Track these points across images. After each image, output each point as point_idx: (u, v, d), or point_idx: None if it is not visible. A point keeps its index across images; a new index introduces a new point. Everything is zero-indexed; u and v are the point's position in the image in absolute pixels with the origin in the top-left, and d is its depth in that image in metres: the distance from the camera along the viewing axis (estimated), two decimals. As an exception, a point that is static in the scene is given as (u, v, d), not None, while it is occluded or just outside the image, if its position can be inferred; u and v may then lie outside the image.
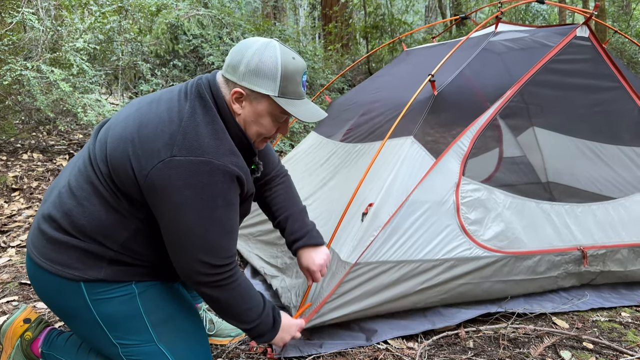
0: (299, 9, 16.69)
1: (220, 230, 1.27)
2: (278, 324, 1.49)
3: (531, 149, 2.64)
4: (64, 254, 1.29)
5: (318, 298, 1.89)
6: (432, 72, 2.20)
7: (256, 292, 1.42)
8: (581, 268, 2.32)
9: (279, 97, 1.29)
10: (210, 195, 1.22)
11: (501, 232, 2.19)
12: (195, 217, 1.22)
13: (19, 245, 2.96)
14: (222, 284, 1.30)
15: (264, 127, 1.35)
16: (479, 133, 2.20)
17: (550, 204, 2.30)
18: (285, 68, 1.28)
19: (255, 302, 1.40)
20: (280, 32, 8.30)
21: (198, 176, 1.20)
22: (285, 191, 1.70)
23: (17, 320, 1.56)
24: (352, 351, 1.89)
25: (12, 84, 4.23)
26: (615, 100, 2.51)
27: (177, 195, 1.20)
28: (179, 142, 1.20)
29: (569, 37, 2.40)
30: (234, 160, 1.26)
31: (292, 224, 1.65)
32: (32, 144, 4.98)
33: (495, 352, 1.93)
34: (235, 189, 1.29)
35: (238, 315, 1.37)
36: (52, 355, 1.51)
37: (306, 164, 2.82)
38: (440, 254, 2.06)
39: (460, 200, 2.13)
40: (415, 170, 2.09)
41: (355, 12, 11.23)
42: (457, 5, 10.77)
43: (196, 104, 1.28)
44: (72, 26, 5.07)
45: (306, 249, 1.63)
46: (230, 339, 1.94)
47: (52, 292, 1.34)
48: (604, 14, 7.52)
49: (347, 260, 1.93)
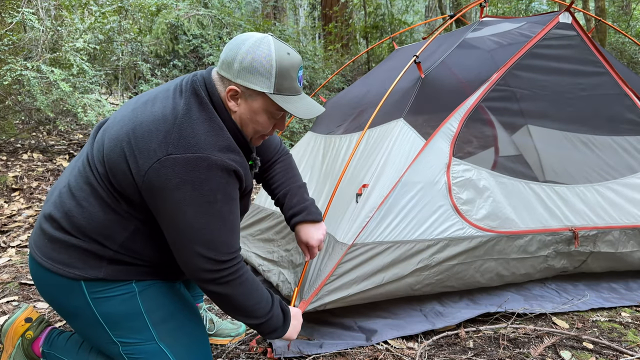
0: (299, 9, 16.69)
1: (221, 225, 1.26)
2: (289, 316, 1.47)
3: (526, 148, 2.65)
4: (65, 253, 1.30)
5: (317, 280, 1.90)
6: (417, 54, 2.27)
7: (263, 287, 1.40)
8: (571, 248, 2.35)
9: (274, 94, 1.27)
10: (208, 190, 1.21)
11: (492, 212, 2.22)
12: (195, 213, 1.21)
13: (19, 245, 2.96)
14: (227, 280, 1.28)
15: (260, 124, 1.34)
16: (468, 114, 2.24)
17: (540, 185, 2.33)
18: (280, 64, 1.26)
19: (263, 297, 1.38)
20: (280, 32, 8.31)
21: (195, 172, 1.19)
22: (284, 168, 1.69)
23: (18, 320, 1.56)
24: (352, 351, 1.89)
25: (12, 84, 4.24)
26: (600, 85, 2.54)
27: (176, 192, 1.19)
28: (175, 139, 1.20)
29: (552, 23, 2.45)
30: (231, 156, 1.26)
31: (291, 199, 1.63)
32: (32, 144, 4.98)
33: (495, 352, 1.93)
34: (234, 184, 1.28)
35: (247, 312, 1.35)
36: (53, 354, 1.51)
37: (302, 162, 2.84)
38: (434, 234, 2.09)
39: (451, 181, 2.16)
40: (407, 151, 2.12)
41: (355, 12, 11.23)
42: (457, 5, 10.77)
43: (191, 100, 1.28)
44: (72, 26, 5.07)
45: (305, 224, 1.62)
46: (230, 339, 1.94)
47: (53, 291, 1.35)
48: (603, 14, 7.52)
49: (343, 241, 1.95)
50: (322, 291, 1.88)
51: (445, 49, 2.52)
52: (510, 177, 2.29)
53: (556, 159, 2.51)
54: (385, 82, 2.63)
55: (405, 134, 2.15)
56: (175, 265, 1.36)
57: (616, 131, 2.54)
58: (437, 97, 2.28)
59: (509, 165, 2.42)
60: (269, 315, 1.38)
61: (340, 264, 1.91)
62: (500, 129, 2.54)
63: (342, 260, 1.91)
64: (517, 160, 2.53)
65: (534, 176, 2.43)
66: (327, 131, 2.83)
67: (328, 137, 2.76)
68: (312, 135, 3.02)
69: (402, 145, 2.12)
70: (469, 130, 2.32)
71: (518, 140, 2.58)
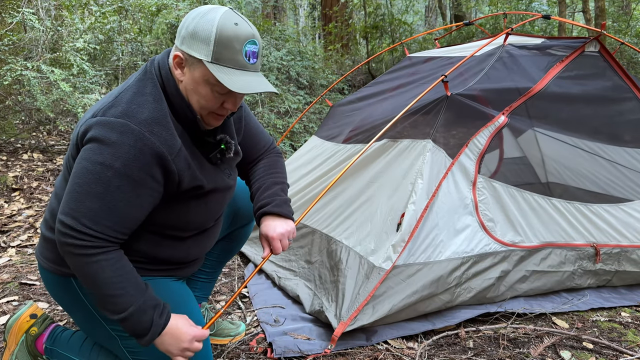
0: (299, 9, 16.69)
1: (99, 193, 1.15)
2: (157, 327, 1.24)
3: (531, 150, 2.66)
4: (53, 251, 1.33)
5: (355, 302, 1.93)
6: (446, 74, 2.25)
7: (136, 284, 1.24)
8: (596, 266, 2.38)
9: (211, 63, 1.19)
10: (110, 154, 1.14)
11: (516, 227, 2.26)
12: (86, 169, 1.15)
13: (19, 245, 2.96)
14: (77, 253, 1.17)
15: (203, 97, 1.24)
16: (496, 132, 2.24)
17: (563, 202, 2.37)
18: (221, 32, 1.18)
19: (125, 292, 1.21)
20: (280, 32, 8.30)
21: (109, 133, 1.15)
22: (267, 165, 1.61)
23: (23, 316, 1.58)
24: (352, 351, 1.89)
25: (12, 84, 4.23)
26: (630, 111, 2.56)
27: (85, 146, 1.18)
28: (110, 106, 1.20)
29: (579, 51, 2.43)
30: (157, 130, 1.19)
31: (262, 192, 1.52)
32: (32, 144, 4.98)
33: (495, 352, 1.93)
34: (144, 164, 1.17)
35: (101, 301, 1.23)
36: (56, 350, 1.52)
37: (306, 165, 2.83)
38: (464, 252, 2.12)
39: (478, 198, 2.20)
40: (435, 172, 2.14)
41: (355, 12, 11.23)
42: (457, 5, 10.77)
43: (140, 77, 1.28)
44: (72, 26, 5.07)
45: (269, 216, 1.48)
46: (230, 339, 1.94)
47: (53, 288, 1.41)
48: (603, 14, 7.52)
49: (381, 266, 1.97)
50: (359, 313, 1.90)
51: (472, 71, 2.48)
52: (533, 193, 2.33)
53: (564, 165, 2.55)
54: (404, 94, 2.63)
55: (433, 156, 2.15)
56: (165, 261, 1.38)
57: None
58: (463, 114, 2.28)
59: (512, 168, 2.43)
60: (124, 314, 1.21)
61: (378, 288, 1.94)
62: (507, 132, 2.54)
63: (379, 285, 1.94)
64: (521, 162, 2.55)
65: (559, 193, 2.48)
66: (334, 137, 2.80)
67: (335, 144, 2.73)
68: (317, 140, 2.99)
69: (432, 167, 2.13)
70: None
71: (523, 143, 2.59)
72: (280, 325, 2.04)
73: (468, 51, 2.78)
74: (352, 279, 2.02)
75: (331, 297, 2.06)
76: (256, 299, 2.30)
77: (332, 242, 2.26)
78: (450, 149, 2.20)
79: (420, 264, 2.03)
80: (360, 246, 2.11)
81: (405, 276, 1.99)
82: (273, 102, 6.53)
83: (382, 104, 2.75)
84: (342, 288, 2.01)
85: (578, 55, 2.43)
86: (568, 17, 9.91)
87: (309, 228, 2.45)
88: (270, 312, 2.17)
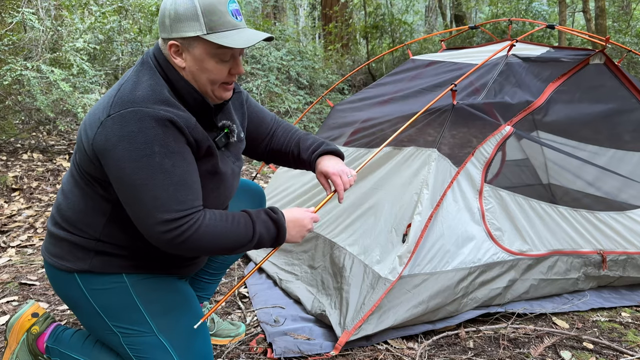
0: (299, 9, 16.69)
1: (164, 178, 1.19)
2: (282, 225, 1.37)
3: (534, 153, 2.66)
4: (58, 246, 1.37)
5: (360, 312, 1.91)
6: (456, 82, 2.21)
7: (234, 215, 1.33)
8: (601, 272, 2.39)
9: (208, 34, 1.24)
10: (143, 142, 1.17)
11: (523, 236, 2.25)
12: (135, 169, 1.18)
13: (19, 245, 2.96)
14: (186, 237, 1.21)
15: (211, 71, 1.29)
16: (502, 141, 2.21)
17: (570, 210, 2.36)
18: (202, 2, 1.23)
19: (240, 224, 1.31)
20: (280, 32, 8.30)
21: (129, 126, 1.18)
22: (284, 129, 1.69)
23: (25, 314, 1.58)
24: (352, 351, 1.89)
25: (12, 84, 4.23)
26: (636, 120, 2.55)
27: (114, 152, 1.18)
28: (115, 102, 1.22)
29: (584, 63, 2.40)
30: (167, 108, 1.22)
31: (304, 142, 1.62)
32: (32, 144, 4.98)
33: (495, 352, 1.93)
34: (175, 135, 1.22)
35: (229, 249, 1.32)
36: (57, 349, 1.52)
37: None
38: (471, 262, 2.10)
39: (484, 207, 2.18)
40: (440, 182, 2.11)
41: (355, 12, 11.23)
42: (458, 5, 10.77)
43: (138, 69, 1.31)
44: (72, 26, 5.07)
45: (324, 157, 1.58)
46: (230, 339, 1.94)
47: (57, 285, 1.43)
48: (603, 14, 7.52)
49: (387, 277, 1.95)
50: (364, 323, 1.89)
51: (480, 81, 2.45)
52: (540, 201, 2.31)
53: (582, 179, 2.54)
54: (407, 99, 2.60)
55: (438, 165, 2.12)
56: (164, 258, 1.39)
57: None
58: (469, 123, 2.26)
59: (514, 170, 2.43)
60: (255, 238, 1.33)
61: (383, 299, 1.93)
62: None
63: (385, 295, 1.93)
64: (523, 164, 2.54)
65: (561, 196, 2.48)
66: (335, 139, 2.78)
67: (342, 148, 2.69)
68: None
69: (436, 177, 2.11)
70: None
71: (526, 145, 2.58)
72: (280, 325, 2.04)
73: (471, 56, 2.75)
74: (356, 287, 2.00)
75: (334, 304, 2.05)
76: (256, 299, 2.30)
77: (336, 248, 2.24)
78: (455, 157, 2.16)
79: (426, 274, 2.00)
80: (365, 255, 2.09)
81: (411, 286, 1.97)
82: (273, 102, 6.53)
83: (384, 106, 2.72)
84: (346, 296, 1.99)
85: (583, 66, 2.40)
86: (568, 16, 9.90)
87: (312, 232, 2.43)
88: (270, 312, 2.17)
